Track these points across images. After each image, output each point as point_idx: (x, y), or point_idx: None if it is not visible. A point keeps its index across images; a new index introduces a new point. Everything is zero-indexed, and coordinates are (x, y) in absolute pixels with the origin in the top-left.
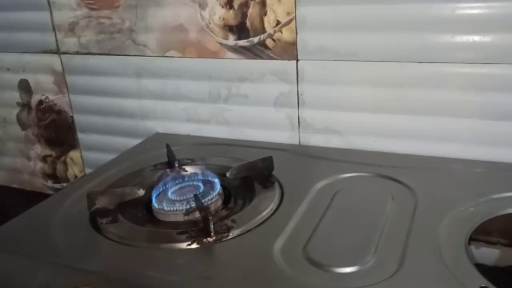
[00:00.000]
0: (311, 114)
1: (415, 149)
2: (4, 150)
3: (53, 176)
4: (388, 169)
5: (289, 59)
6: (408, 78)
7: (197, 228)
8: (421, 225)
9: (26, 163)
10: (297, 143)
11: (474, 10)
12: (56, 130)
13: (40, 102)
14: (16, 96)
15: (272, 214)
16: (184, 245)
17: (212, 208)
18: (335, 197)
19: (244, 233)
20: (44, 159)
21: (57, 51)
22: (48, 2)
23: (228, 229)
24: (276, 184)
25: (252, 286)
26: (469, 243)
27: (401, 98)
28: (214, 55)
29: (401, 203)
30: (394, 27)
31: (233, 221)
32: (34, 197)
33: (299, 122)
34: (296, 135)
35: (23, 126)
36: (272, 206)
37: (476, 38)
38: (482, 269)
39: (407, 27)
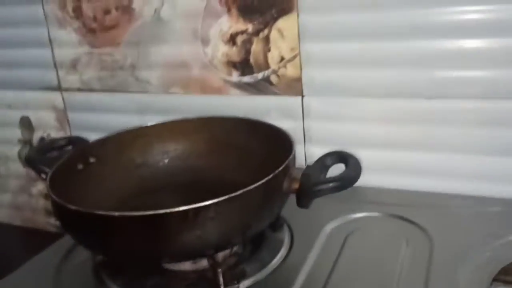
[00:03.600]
0: (318, 150)
1: (426, 186)
2: (5, 187)
3: None
4: (400, 208)
5: (294, 95)
6: (417, 113)
7: (205, 279)
8: (439, 272)
9: (28, 200)
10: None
11: (479, 44)
12: None
13: (42, 139)
14: (17, 133)
15: (283, 261)
16: None
17: (220, 256)
18: (346, 242)
19: (255, 284)
20: (46, 196)
21: (59, 88)
22: (49, 39)
23: (238, 280)
24: (285, 227)
25: None
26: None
27: (410, 134)
28: (218, 91)
29: (416, 247)
30: (402, 63)
31: (243, 271)
32: (36, 235)
33: (305, 159)
34: None
35: (25, 163)
36: (282, 252)
37: (485, 73)
38: None
39: (415, 62)
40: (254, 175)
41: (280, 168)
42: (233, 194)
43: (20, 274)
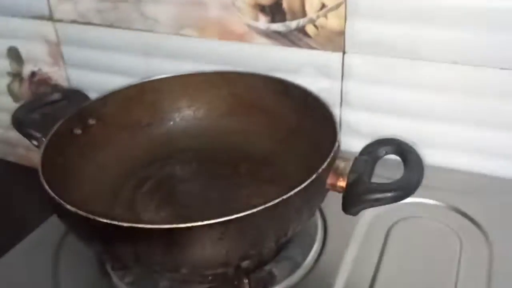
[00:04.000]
0: (356, 117)
1: (490, 170)
2: None
3: None
4: (455, 196)
5: (333, 51)
6: (482, 86)
7: (227, 282)
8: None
9: (21, 137)
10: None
11: None
12: None
13: (33, 74)
14: (5, 64)
15: (316, 260)
16: None
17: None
18: (389, 235)
19: None
20: None
21: (51, 18)
22: None
23: (265, 286)
24: (317, 214)
25: None
26: None
27: (471, 108)
28: (240, 38)
29: (472, 250)
30: (470, 22)
31: (271, 274)
32: (31, 173)
33: (340, 125)
34: None
35: (15, 98)
36: (315, 248)
37: None
38: None
39: (487, 22)
40: (280, 144)
41: (324, 165)
42: (269, 204)
43: (12, 260)
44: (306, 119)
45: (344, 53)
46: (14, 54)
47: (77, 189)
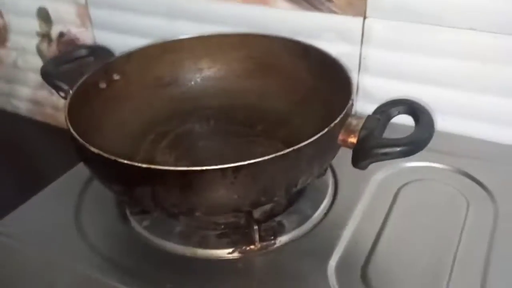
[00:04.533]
0: (373, 82)
1: (501, 137)
2: (24, 80)
3: None
4: (464, 161)
5: (354, 15)
6: (502, 53)
7: (239, 229)
8: (504, 246)
9: (49, 97)
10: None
11: None
12: None
13: (62, 34)
14: (35, 24)
15: (325, 215)
16: (224, 253)
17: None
18: (399, 195)
19: (293, 240)
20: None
21: None
22: None
23: (275, 235)
24: (329, 172)
25: None
26: None
27: (490, 76)
28: (263, 1)
29: (479, 212)
30: None
31: (280, 224)
32: (58, 132)
33: (357, 90)
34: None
35: (44, 58)
36: (325, 203)
37: None
38: None
39: None
40: (298, 106)
41: (337, 120)
42: (280, 153)
43: (36, 204)
44: (323, 81)
45: (365, 17)
46: (43, 14)
47: (99, 140)
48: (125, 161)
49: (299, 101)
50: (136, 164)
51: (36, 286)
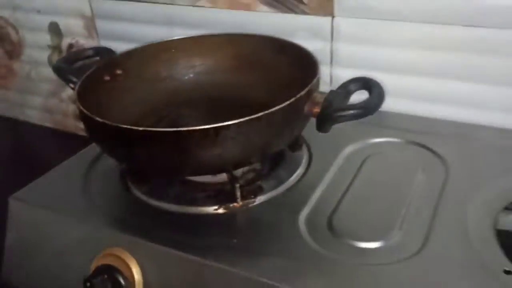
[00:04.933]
0: (343, 72)
1: (453, 115)
2: (36, 90)
3: None
4: (421, 136)
5: (324, 15)
6: (453, 42)
7: (224, 191)
8: (449, 201)
9: (59, 104)
10: None
11: None
12: None
13: (71, 45)
14: (47, 38)
15: (299, 180)
16: (211, 210)
17: (239, 172)
18: (363, 165)
19: (270, 199)
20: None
21: None
22: None
23: (255, 195)
24: (304, 147)
25: (276, 258)
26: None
27: (444, 62)
28: (247, 7)
29: (431, 175)
30: None
31: (260, 187)
32: (67, 137)
33: (331, 80)
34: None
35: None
36: (299, 171)
37: None
38: None
39: None
40: (278, 95)
41: (303, 92)
42: (254, 116)
43: (50, 177)
44: (299, 71)
45: (333, 17)
46: (54, 29)
47: None
48: (126, 126)
49: (279, 90)
50: (134, 127)
51: (50, 244)
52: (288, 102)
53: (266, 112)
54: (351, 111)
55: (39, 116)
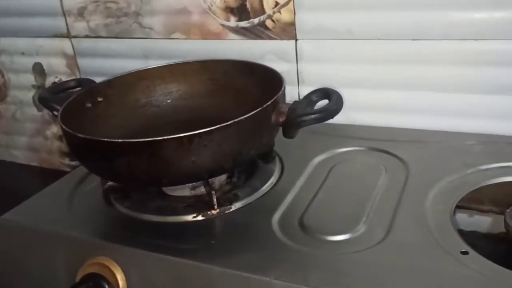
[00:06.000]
0: (310, 90)
1: (410, 123)
2: (22, 130)
3: (69, 154)
4: (383, 143)
5: (288, 39)
6: (402, 55)
7: (201, 201)
8: (410, 195)
9: (44, 142)
10: None
11: None
12: None
13: (54, 84)
14: (31, 78)
15: (272, 188)
16: (190, 217)
17: (217, 183)
18: (331, 171)
19: (245, 205)
20: (60, 138)
21: (68, 35)
22: None
23: (231, 202)
24: (277, 159)
25: (251, 253)
26: (456, 212)
27: (396, 75)
28: (217, 36)
29: (393, 175)
30: (387, 6)
31: (236, 195)
32: (52, 174)
33: (299, 99)
34: None
35: (39, 107)
36: (272, 180)
37: (467, 14)
38: (474, 235)
39: (399, 5)
40: (247, 112)
41: (269, 103)
42: (224, 124)
43: (37, 199)
44: (267, 89)
45: (296, 40)
46: (38, 69)
47: None
48: (106, 139)
49: (252, 109)
50: (114, 140)
51: (36, 259)
52: (255, 111)
53: (235, 120)
54: (313, 115)
55: (24, 155)
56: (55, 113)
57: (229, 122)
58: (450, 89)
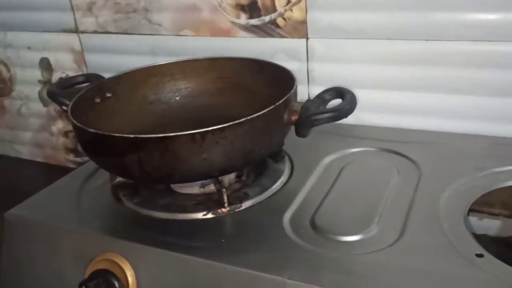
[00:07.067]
0: (320, 89)
1: (421, 125)
2: (27, 125)
3: (74, 150)
4: (395, 144)
5: (299, 38)
6: (414, 55)
7: (211, 199)
8: (423, 197)
9: (49, 138)
10: None
11: None
12: None
13: (61, 79)
14: (37, 74)
15: (282, 187)
16: (199, 215)
17: (226, 181)
18: (342, 171)
19: (256, 204)
20: (65, 134)
21: (76, 30)
22: None
23: (241, 201)
24: (286, 159)
25: (263, 252)
26: (469, 215)
27: (408, 75)
28: (227, 34)
29: (406, 176)
30: (400, 6)
31: (246, 193)
32: (57, 171)
33: (309, 98)
34: None
35: (45, 103)
36: (282, 179)
37: (480, 16)
38: (485, 239)
39: (413, 5)
40: (257, 111)
41: (281, 101)
42: (236, 121)
43: (44, 194)
44: (278, 88)
45: (307, 39)
46: (45, 64)
47: None
48: (117, 134)
49: (262, 108)
50: (125, 135)
51: (45, 255)
52: (268, 109)
53: (248, 117)
54: (326, 114)
55: (29, 151)
56: (64, 107)
57: (241, 120)
58: (463, 91)
